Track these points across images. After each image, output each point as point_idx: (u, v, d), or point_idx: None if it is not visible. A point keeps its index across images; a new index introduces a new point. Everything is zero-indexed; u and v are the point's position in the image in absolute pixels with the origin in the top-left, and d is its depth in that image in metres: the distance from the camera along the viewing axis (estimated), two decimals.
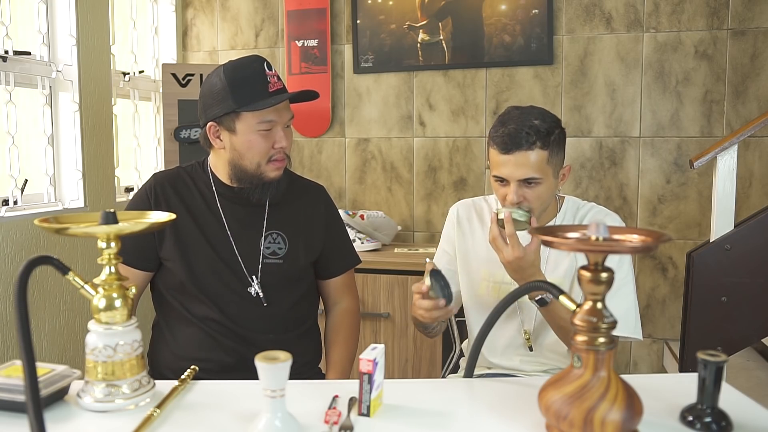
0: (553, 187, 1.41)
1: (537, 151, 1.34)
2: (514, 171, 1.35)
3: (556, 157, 1.39)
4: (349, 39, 3.04)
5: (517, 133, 1.33)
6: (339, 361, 1.54)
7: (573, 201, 1.53)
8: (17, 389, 0.87)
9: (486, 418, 0.89)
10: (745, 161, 2.64)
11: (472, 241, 1.56)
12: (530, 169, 1.34)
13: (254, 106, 1.36)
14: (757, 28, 2.62)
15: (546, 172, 1.36)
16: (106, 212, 0.89)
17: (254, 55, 1.43)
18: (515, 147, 1.33)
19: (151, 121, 3.06)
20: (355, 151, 3.09)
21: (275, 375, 0.78)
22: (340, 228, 1.64)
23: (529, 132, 1.33)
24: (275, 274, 1.47)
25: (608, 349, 0.79)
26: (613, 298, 1.37)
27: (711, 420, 0.84)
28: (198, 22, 3.24)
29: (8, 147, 2.22)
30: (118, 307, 0.92)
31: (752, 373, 2.49)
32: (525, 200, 1.37)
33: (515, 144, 1.33)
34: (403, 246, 2.89)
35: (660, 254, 2.80)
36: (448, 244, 1.60)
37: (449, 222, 1.62)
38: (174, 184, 1.49)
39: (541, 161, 1.35)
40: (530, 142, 1.33)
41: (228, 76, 1.37)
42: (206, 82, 1.43)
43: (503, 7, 2.82)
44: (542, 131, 1.34)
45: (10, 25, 2.19)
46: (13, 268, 2.10)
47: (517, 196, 1.36)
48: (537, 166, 1.34)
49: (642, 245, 0.78)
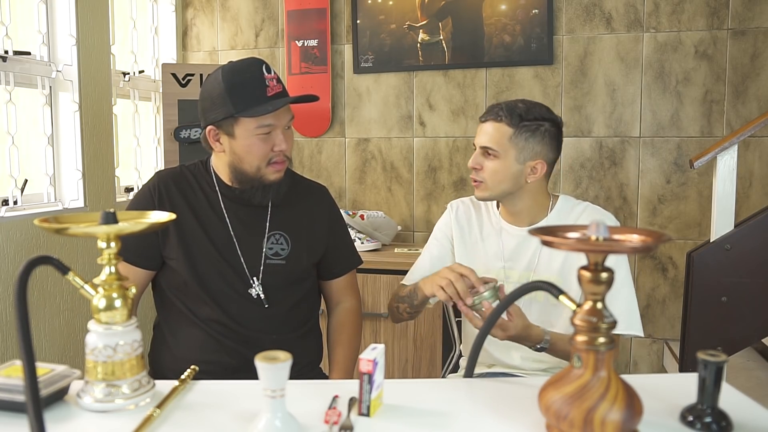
0: (512, 171, 1.45)
1: (501, 125, 1.44)
2: (479, 138, 1.47)
3: (524, 142, 1.44)
4: (349, 39, 3.04)
5: (494, 106, 1.47)
6: (342, 360, 1.54)
7: (567, 200, 1.54)
8: (17, 389, 0.86)
9: (486, 418, 0.88)
10: (745, 161, 2.64)
11: (471, 240, 1.57)
12: (489, 139, 1.45)
13: (252, 112, 1.35)
14: (757, 28, 2.62)
15: (505, 148, 1.44)
16: (106, 212, 0.89)
17: (253, 58, 1.42)
18: (487, 115, 1.47)
19: (151, 121, 3.06)
20: (355, 151, 3.09)
21: (275, 375, 0.78)
22: (343, 229, 1.65)
23: (503, 108, 1.45)
24: (277, 275, 1.47)
25: (608, 349, 0.79)
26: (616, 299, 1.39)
27: (711, 420, 0.84)
28: (198, 22, 3.24)
29: (8, 147, 2.22)
30: (118, 307, 0.91)
31: (752, 373, 2.49)
32: (481, 170, 1.46)
33: (488, 113, 1.47)
34: (403, 246, 2.89)
35: (660, 254, 2.80)
36: (444, 237, 1.61)
37: (447, 218, 1.63)
38: (178, 182, 1.49)
39: (502, 136, 1.44)
40: (499, 115, 1.44)
41: (226, 80, 1.36)
42: (205, 84, 1.42)
43: (503, 7, 2.82)
44: (516, 112, 1.44)
45: (10, 25, 2.19)
46: (13, 268, 2.10)
47: (474, 161, 1.48)
48: (496, 139, 1.44)
49: (642, 245, 0.78)
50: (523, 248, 1.50)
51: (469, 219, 1.59)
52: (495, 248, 1.54)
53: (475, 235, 1.57)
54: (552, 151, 1.47)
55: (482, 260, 1.52)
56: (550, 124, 1.45)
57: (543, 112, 1.46)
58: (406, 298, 1.51)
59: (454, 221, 1.60)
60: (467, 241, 1.57)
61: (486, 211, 1.60)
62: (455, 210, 1.61)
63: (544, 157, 1.46)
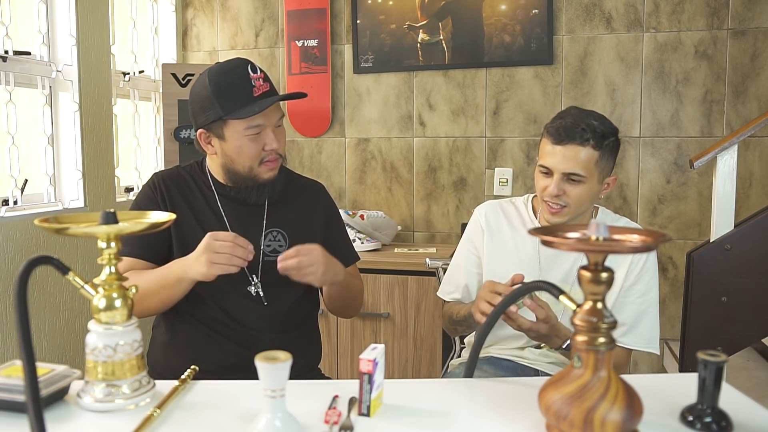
0: (594, 192, 1.40)
1: (588, 149, 1.34)
2: (561, 162, 1.35)
3: (605, 162, 1.38)
4: (349, 39, 3.04)
5: (574, 127, 1.34)
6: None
7: (605, 212, 1.54)
8: (17, 389, 0.86)
9: (486, 418, 0.88)
10: (745, 161, 2.64)
11: (502, 244, 1.53)
12: (577, 165, 1.34)
13: (240, 113, 1.35)
14: (757, 28, 2.62)
15: (592, 173, 1.36)
16: (106, 212, 0.89)
17: (238, 58, 1.42)
18: (568, 139, 1.34)
19: (151, 121, 3.06)
20: (355, 151, 3.09)
21: (275, 375, 0.78)
22: (340, 226, 1.65)
23: (585, 129, 1.33)
24: (276, 272, 1.46)
25: (608, 349, 0.79)
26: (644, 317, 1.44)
27: (711, 420, 0.84)
28: (198, 22, 3.24)
29: (8, 147, 2.22)
30: (118, 307, 0.91)
31: (752, 373, 2.49)
32: (564, 195, 1.37)
33: (569, 136, 1.34)
34: (403, 246, 2.89)
35: (660, 254, 2.80)
36: (473, 247, 1.57)
37: (475, 225, 1.58)
38: (176, 182, 1.50)
39: (590, 160, 1.34)
40: (584, 138, 1.33)
41: (213, 82, 1.37)
42: (193, 87, 1.43)
43: (503, 7, 2.82)
44: (598, 132, 1.34)
45: (10, 25, 2.19)
46: (13, 268, 2.10)
47: (557, 188, 1.36)
48: (584, 164, 1.34)
49: (642, 245, 0.78)
50: (561, 259, 1.46)
51: (499, 224, 1.54)
52: (530, 255, 1.49)
53: (506, 240, 1.53)
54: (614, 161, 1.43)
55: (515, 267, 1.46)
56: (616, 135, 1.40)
57: (611, 125, 1.39)
58: (463, 322, 1.48)
59: (484, 226, 1.55)
60: (498, 246, 1.53)
61: (518, 216, 1.55)
62: (484, 215, 1.57)
63: (612, 171, 1.42)
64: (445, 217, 2.98)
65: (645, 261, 1.45)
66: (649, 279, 1.45)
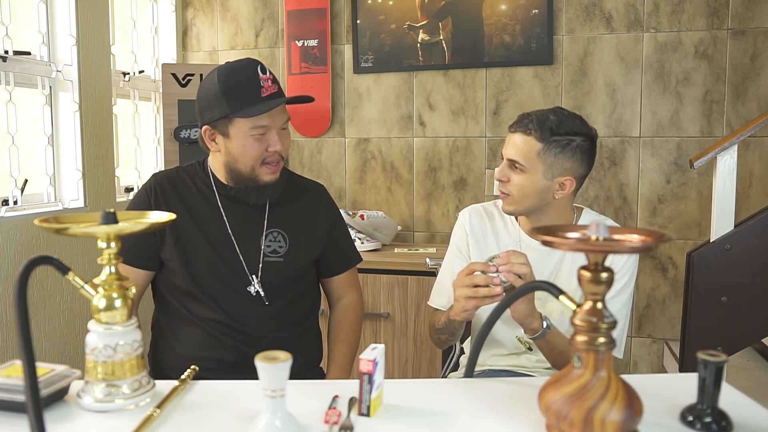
0: (538, 187, 1.38)
1: (531, 139, 1.37)
2: (507, 149, 1.41)
3: (553, 158, 1.37)
4: (349, 39, 3.04)
5: (524, 117, 1.39)
6: (340, 357, 1.54)
7: (590, 213, 1.51)
8: (17, 389, 0.86)
9: (486, 418, 0.88)
10: (745, 161, 2.64)
11: (486, 247, 1.53)
12: (518, 152, 1.38)
13: (246, 113, 1.36)
14: (757, 28, 2.62)
15: (533, 163, 1.37)
16: (106, 212, 0.89)
17: (248, 59, 1.42)
18: (516, 127, 1.40)
19: (151, 121, 3.06)
20: (355, 151, 3.09)
21: (275, 375, 0.78)
22: (342, 227, 1.65)
23: (533, 120, 1.37)
24: (276, 272, 1.47)
25: (608, 349, 0.79)
26: None
27: (711, 420, 0.84)
28: (198, 22, 3.24)
29: (8, 147, 2.22)
30: (118, 307, 0.91)
31: (752, 373, 2.49)
32: (508, 183, 1.41)
33: (517, 124, 1.40)
34: (403, 246, 2.89)
35: (660, 254, 2.80)
36: (460, 253, 1.56)
37: (460, 229, 1.58)
38: (174, 184, 1.50)
39: (530, 150, 1.37)
40: (529, 128, 1.37)
41: (222, 80, 1.37)
42: (202, 85, 1.43)
43: (503, 7, 2.82)
44: (547, 125, 1.36)
45: (10, 25, 2.19)
46: (13, 268, 2.10)
47: (500, 173, 1.42)
48: (525, 153, 1.37)
49: (642, 245, 0.78)
50: (542, 263, 1.45)
51: (483, 228, 1.55)
52: None
53: (490, 244, 1.53)
54: (583, 166, 1.40)
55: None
56: (582, 138, 1.37)
57: (576, 126, 1.37)
58: (444, 329, 1.46)
59: (468, 230, 1.55)
60: (482, 249, 1.53)
61: (502, 220, 1.55)
62: (468, 219, 1.57)
63: (573, 174, 1.39)
64: (445, 217, 2.98)
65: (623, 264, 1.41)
66: (624, 283, 1.41)
